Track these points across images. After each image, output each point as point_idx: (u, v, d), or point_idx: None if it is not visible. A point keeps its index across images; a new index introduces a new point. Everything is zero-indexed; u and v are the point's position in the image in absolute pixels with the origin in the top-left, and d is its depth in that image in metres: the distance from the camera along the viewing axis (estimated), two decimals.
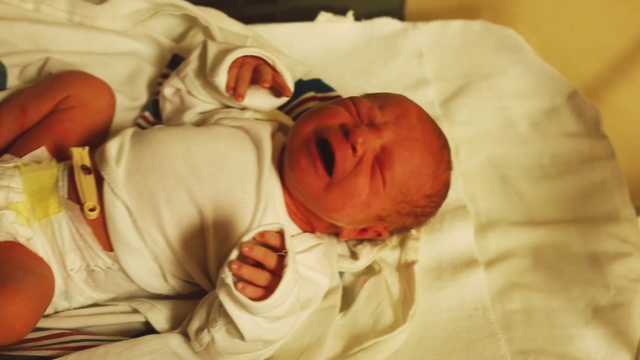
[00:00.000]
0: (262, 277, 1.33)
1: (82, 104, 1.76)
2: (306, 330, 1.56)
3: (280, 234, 1.34)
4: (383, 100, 1.62)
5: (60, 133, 1.72)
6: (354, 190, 1.54)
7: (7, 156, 1.66)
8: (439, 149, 1.62)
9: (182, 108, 1.77)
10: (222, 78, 1.64)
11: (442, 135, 1.65)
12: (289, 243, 1.33)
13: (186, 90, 1.76)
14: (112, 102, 1.83)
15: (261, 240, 1.34)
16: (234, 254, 1.34)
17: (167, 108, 1.81)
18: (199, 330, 1.43)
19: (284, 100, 1.72)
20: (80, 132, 1.74)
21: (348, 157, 1.52)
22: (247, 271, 1.32)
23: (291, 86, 1.70)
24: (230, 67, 1.65)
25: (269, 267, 1.34)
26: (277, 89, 1.70)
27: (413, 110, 1.62)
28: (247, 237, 1.34)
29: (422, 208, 1.64)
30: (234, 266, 1.31)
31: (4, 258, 1.48)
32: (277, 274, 1.33)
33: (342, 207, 1.56)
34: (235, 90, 1.63)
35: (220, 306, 1.35)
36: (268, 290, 1.32)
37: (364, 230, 1.65)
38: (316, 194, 1.55)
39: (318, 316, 1.58)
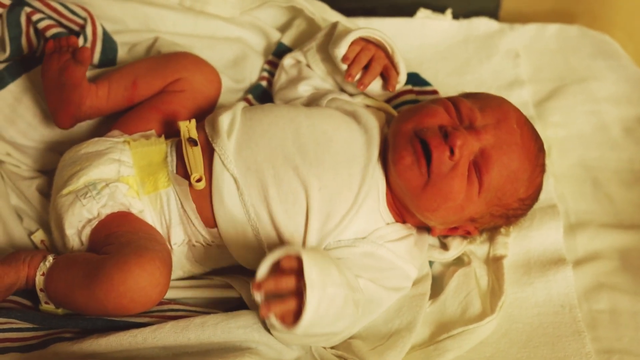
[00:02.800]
0: (290, 304, 1.34)
1: (193, 89, 1.80)
2: (396, 315, 1.60)
3: (298, 260, 1.32)
4: (483, 102, 1.62)
5: (168, 115, 1.76)
6: (449, 194, 1.56)
7: (116, 132, 1.72)
8: (536, 154, 1.62)
9: (296, 79, 1.82)
10: (342, 49, 1.68)
11: (539, 138, 1.65)
12: (308, 271, 1.31)
13: (305, 63, 1.82)
14: (219, 90, 1.87)
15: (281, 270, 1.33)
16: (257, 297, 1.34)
17: (282, 79, 1.86)
18: None
19: (389, 94, 1.77)
20: (187, 115, 1.77)
21: (445, 159, 1.54)
22: (275, 309, 1.33)
23: (403, 79, 1.73)
24: (352, 43, 1.69)
25: (291, 292, 1.33)
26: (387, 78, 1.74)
27: (513, 114, 1.62)
28: (260, 274, 1.33)
29: (514, 210, 1.65)
30: (263, 310, 1.32)
31: (128, 229, 1.54)
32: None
33: (436, 209, 1.58)
34: (349, 69, 1.69)
35: None
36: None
37: (455, 228, 1.68)
38: (414, 191, 1.57)
39: (408, 302, 1.61)
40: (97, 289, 1.42)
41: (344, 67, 1.70)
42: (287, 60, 1.86)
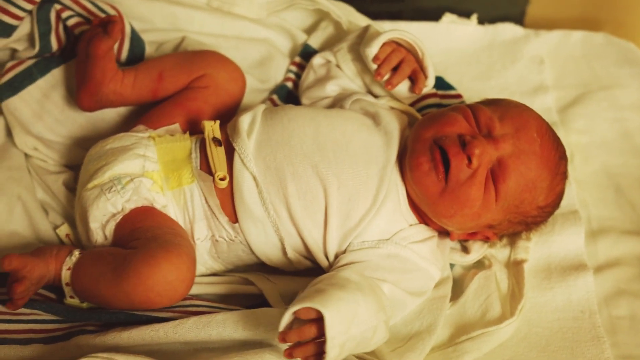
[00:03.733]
0: (312, 350, 1.35)
1: (217, 85, 1.82)
2: (416, 317, 1.60)
3: (319, 318, 1.33)
4: (504, 110, 1.62)
5: (192, 111, 1.78)
6: (466, 201, 1.56)
7: (141, 127, 1.74)
8: (557, 162, 1.62)
9: (324, 78, 1.84)
10: (373, 49, 1.70)
11: (561, 146, 1.65)
12: (328, 325, 1.31)
13: (335, 63, 1.84)
14: (243, 88, 1.89)
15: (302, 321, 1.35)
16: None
17: (310, 77, 1.88)
18: None
19: (414, 96, 1.79)
20: (211, 112, 1.80)
21: (463, 167, 1.54)
22: (299, 354, 1.35)
23: (431, 83, 1.75)
24: (384, 45, 1.71)
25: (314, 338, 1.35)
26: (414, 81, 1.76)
27: (534, 122, 1.62)
28: (282, 325, 1.35)
29: (533, 217, 1.65)
30: (286, 354, 1.35)
31: (152, 224, 1.56)
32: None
33: (453, 215, 1.59)
34: (379, 68, 1.70)
35: None
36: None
37: (473, 233, 1.68)
38: (431, 198, 1.58)
39: (429, 304, 1.62)
40: (125, 283, 1.44)
41: (374, 66, 1.72)
42: (317, 60, 1.88)
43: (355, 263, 1.57)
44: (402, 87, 1.76)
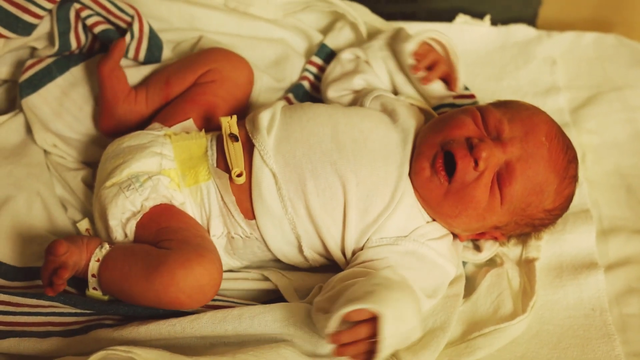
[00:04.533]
0: (363, 347, 1.37)
1: (223, 78, 1.84)
2: (430, 315, 1.61)
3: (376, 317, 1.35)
4: (514, 113, 1.63)
5: (203, 105, 1.80)
6: (470, 202, 1.58)
7: (156, 125, 1.76)
8: (565, 166, 1.62)
9: (352, 72, 1.86)
10: (412, 45, 1.75)
11: (571, 150, 1.65)
12: (384, 329, 1.34)
13: (364, 59, 1.86)
14: (250, 77, 1.90)
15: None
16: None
17: (336, 71, 1.90)
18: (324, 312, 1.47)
19: (442, 97, 1.81)
20: (221, 105, 1.82)
21: (469, 169, 1.56)
22: (349, 352, 1.37)
23: (461, 86, 1.80)
24: (422, 43, 1.76)
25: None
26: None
27: (543, 126, 1.62)
28: (331, 327, 1.36)
29: (540, 220, 1.66)
30: (338, 353, 1.37)
31: (179, 225, 1.58)
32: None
33: (458, 215, 1.61)
34: (417, 63, 1.75)
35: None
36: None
37: (481, 234, 1.70)
38: (435, 199, 1.60)
39: (442, 302, 1.63)
40: (157, 282, 1.45)
41: (411, 61, 1.75)
42: (346, 55, 1.90)
43: (374, 260, 1.58)
44: (434, 87, 1.79)
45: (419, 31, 1.78)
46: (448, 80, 1.80)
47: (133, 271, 1.48)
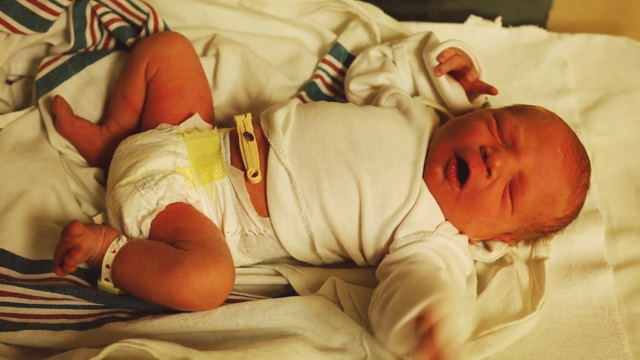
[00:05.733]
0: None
1: (163, 60, 1.81)
2: None
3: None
4: (531, 121, 1.63)
5: (173, 95, 1.79)
6: (481, 209, 1.59)
7: (163, 125, 1.76)
8: (578, 176, 1.63)
9: (378, 69, 1.87)
10: (439, 49, 1.75)
11: (584, 159, 1.66)
12: (458, 335, 1.33)
13: (392, 59, 1.87)
14: (185, 43, 1.85)
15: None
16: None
17: (363, 66, 1.91)
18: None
19: (467, 108, 1.81)
20: (186, 84, 1.81)
21: (482, 177, 1.56)
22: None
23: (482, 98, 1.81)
24: (449, 48, 1.75)
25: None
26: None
27: (559, 137, 1.62)
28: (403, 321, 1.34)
29: (550, 227, 1.68)
30: None
31: (196, 225, 1.58)
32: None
33: (469, 221, 1.62)
34: (440, 64, 1.75)
35: None
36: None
37: (491, 238, 1.71)
38: (447, 203, 1.61)
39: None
40: (172, 281, 1.46)
41: (436, 63, 1.76)
42: (374, 52, 1.90)
43: (407, 259, 1.58)
44: (457, 96, 1.80)
45: (447, 40, 1.78)
46: (474, 89, 1.80)
47: (148, 267, 1.49)
